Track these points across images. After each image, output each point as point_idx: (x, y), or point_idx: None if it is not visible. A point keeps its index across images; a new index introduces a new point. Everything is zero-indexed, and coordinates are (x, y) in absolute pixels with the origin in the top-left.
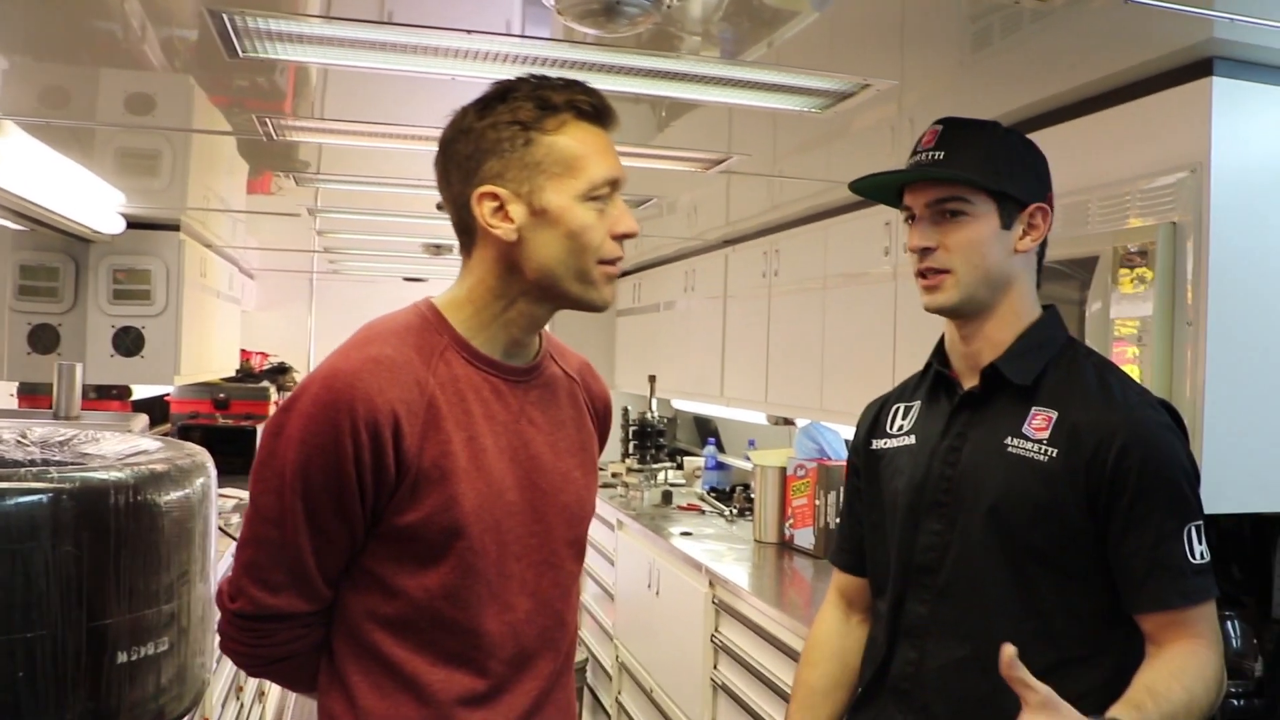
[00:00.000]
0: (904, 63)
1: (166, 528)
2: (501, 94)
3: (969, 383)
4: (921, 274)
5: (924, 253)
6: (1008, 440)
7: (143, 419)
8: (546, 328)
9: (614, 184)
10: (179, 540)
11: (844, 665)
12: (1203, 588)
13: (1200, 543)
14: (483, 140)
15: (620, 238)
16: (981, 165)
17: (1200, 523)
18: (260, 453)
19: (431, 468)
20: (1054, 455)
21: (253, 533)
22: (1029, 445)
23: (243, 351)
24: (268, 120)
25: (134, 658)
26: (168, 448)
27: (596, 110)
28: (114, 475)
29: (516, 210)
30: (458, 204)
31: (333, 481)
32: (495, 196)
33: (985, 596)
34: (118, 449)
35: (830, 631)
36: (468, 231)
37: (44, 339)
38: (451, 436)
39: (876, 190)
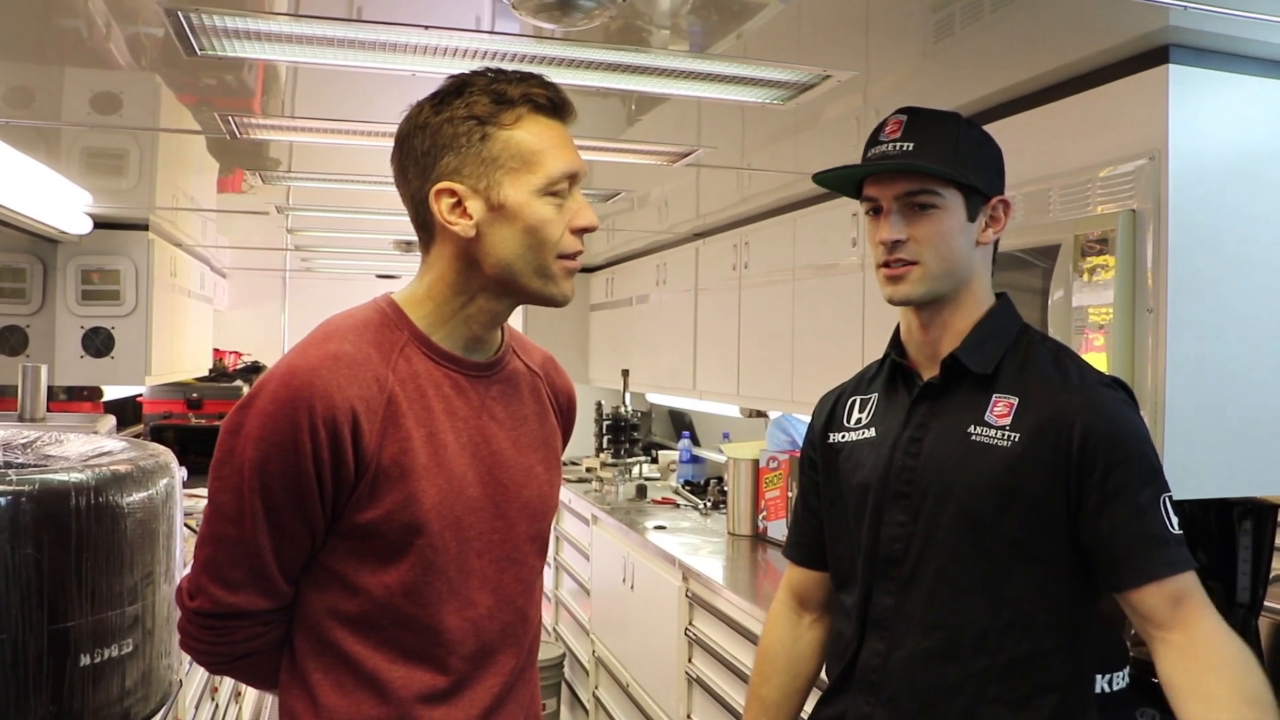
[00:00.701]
0: (868, 54)
1: (130, 529)
2: (457, 88)
3: (927, 372)
4: (886, 264)
5: (894, 245)
6: (970, 429)
7: (110, 420)
8: (514, 323)
9: (573, 178)
10: (143, 541)
11: (794, 675)
12: (1186, 557)
13: (1175, 514)
14: (439, 136)
15: (580, 232)
16: (950, 158)
17: (1171, 494)
18: (218, 450)
19: (391, 465)
20: (1016, 440)
21: (211, 530)
22: (992, 432)
23: (216, 351)
24: (230, 118)
25: (97, 660)
26: (132, 448)
27: (553, 103)
28: (75, 477)
29: (474, 206)
30: (415, 200)
31: (291, 479)
32: (453, 193)
33: (954, 587)
34: (81, 450)
35: (781, 638)
36: (426, 228)
37: (12, 341)
38: (411, 433)
39: (838, 182)
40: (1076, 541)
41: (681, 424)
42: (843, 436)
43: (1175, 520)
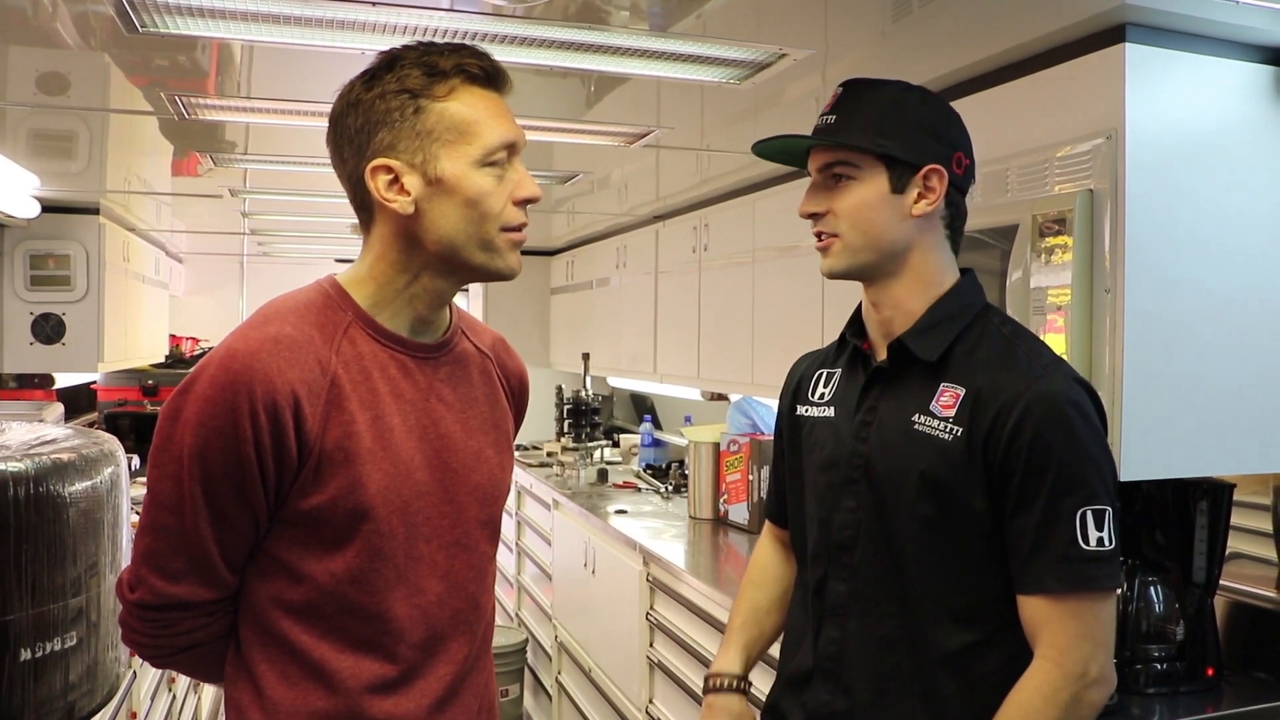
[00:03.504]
0: (826, 33)
1: (73, 519)
2: (388, 63)
3: (881, 354)
4: (817, 236)
5: (813, 217)
6: (915, 418)
7: (57, 408)
8: (474, 308)
9: (511, 148)
10: (86, 531)
11: (784, 591)
12: (1090, 576)
13: (1100, 529)
14: (372, 112)
15: (522, 203)
16: (867, 128)
17: (1102, 508)
18: (156, 437)
19: (335, 449)
20: (959, 435)
21: (151, 520)
22: (935, 424)
23: (172, 337)
24: (179, 99)
25: (38, 654)
26: (76, 436)
27: (487, 73)
28: (13, 466)
29: (412, 181)
30: (352, 180)
31: (232, 466)
32: (389, 169)
33: (901, 576)
34: (23, 439)
35: (772, 557)
36: (365, 207)
37: None
38: (356, 417)
39: (785, 156)
40: (1002, 539)
41: (643, 408)
42: (806, 410)
43: (1097, 536)
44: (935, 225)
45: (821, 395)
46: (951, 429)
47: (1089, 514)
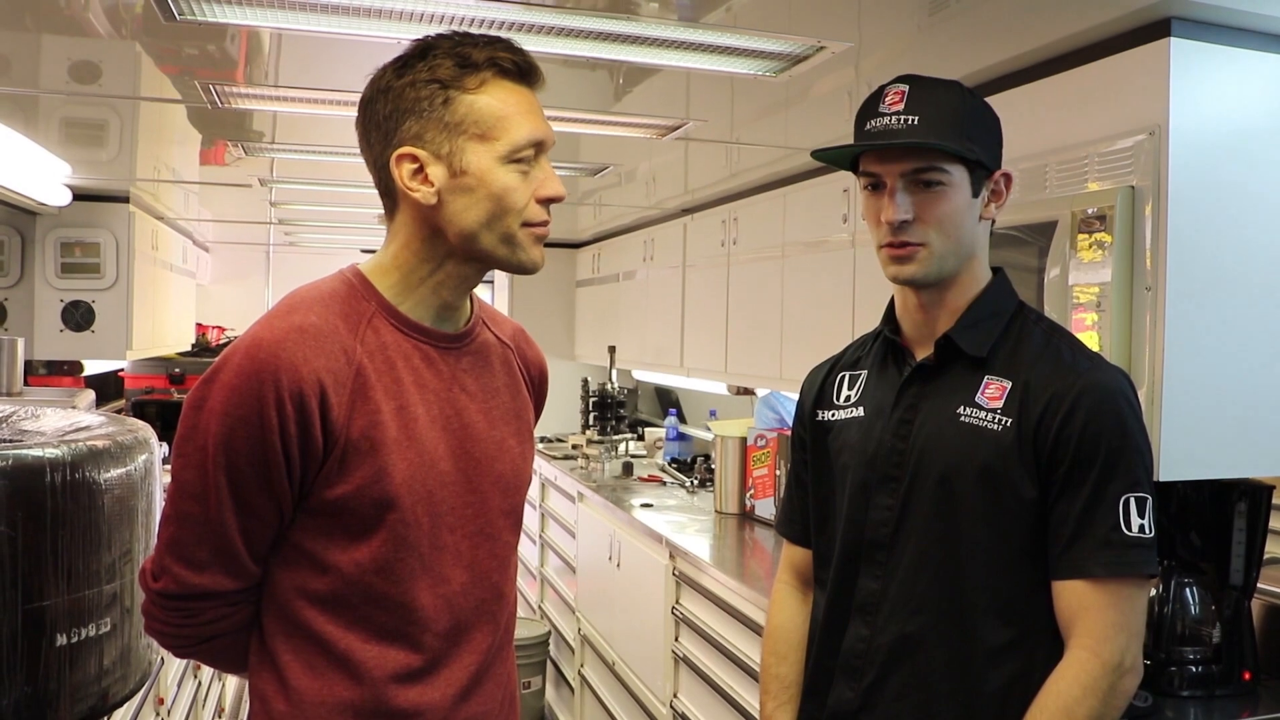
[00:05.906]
0: (861, 26)
1: (107, 505)
2: (421, 51)
3: (920, 350)
4: (898, 245)
5: (900, 225)
6: (960, 410)
7: (89, 395)
8: (500, 301)
9: (539, 146)
10: (121, 518)
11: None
12: (1131, 562)
13: (1141, 516)
14: (401, 100)
15: (546, 201)
16: (957, 131)
17: (1143, 495)
18: (181, 426)
19: (360, 439)
20: (1008, 424)
21: (175, 509)
22: (982, 414)
23: (198, 325)
24: (212, 87)
25: (74, 640)
26: (110, 424)
27: (520, 68)
28: (50, 452)
29: (436, 172)
30: (378, 166)
31: (257, 455)
32: (414, 158)
33: (938, 572)
34: (58, 425)
35: (791, 617)
36: (389, 194)
37: None
38: (381, 406)
39: (834, 156)
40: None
41: (668, 401)
42: (832, 414)
43: (1139, 523)
44: (988, 227)
45: (848, 397)
46: (1000, 419)
47: (1132, 500)
